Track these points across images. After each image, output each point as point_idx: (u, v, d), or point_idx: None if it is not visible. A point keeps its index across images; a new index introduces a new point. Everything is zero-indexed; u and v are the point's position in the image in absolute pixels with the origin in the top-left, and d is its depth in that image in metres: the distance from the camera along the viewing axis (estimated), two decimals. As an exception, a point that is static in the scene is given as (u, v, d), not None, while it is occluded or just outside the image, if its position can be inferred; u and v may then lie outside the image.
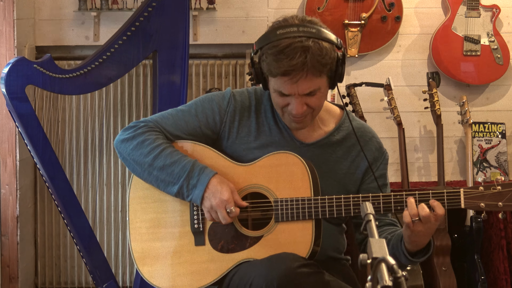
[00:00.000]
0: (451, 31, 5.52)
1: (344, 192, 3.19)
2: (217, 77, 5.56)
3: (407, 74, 5.66)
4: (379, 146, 3.33)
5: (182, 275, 3.23)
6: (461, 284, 5.13)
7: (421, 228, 2.94)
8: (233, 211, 3.08)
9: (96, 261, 4.90)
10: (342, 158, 3.28)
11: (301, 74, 2.97)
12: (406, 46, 5.66)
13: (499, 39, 5.53)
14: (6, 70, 4.62)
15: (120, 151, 3.25)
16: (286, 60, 2.95)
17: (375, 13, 5.47)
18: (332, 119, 3.32)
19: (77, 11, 5.49)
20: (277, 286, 2.88)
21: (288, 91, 3.03)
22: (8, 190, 5.22)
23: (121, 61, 4.83)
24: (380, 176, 3.29)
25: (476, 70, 5.57)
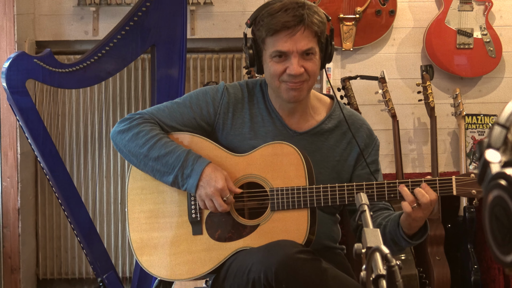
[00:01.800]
0: (444, 25, 5.53)
1: (337, 179, 3.23)
2: (214, 70, 5.57)
3: (401, 67, 5.67)
4: (370, 133, 3.34)
5: (180, 264, 3.24)
6: (454, 273, 5.14)
7: (420, 214, 2.98)
8: (229, 198, 3.10)
9: (96, 252, 4.91)
10: (334, 146, 3.29)
11: (300, 27, 3.04)
12: (400, 39, 5.66)
13: (492, 32, 5.54)
14: (6, 65, 4.62)
15: (116, 142, 3.26)
16: (285, 13, 3.04)
17: (369, 7, 5.47)
18: (323, 108, 3.34)
19: (76, 6, 5.50)
20: (275, 272, 2.89)
21: (287, 47, 3.07)
22: (9, 183, 5.22)
23: (120, 55, 4.84)
24: (372, 162, 3.30)
25: (469, 63, 5.58)
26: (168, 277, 3.29)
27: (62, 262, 5.64)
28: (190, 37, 5.29)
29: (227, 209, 3.12)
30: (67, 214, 4.85)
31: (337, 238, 3.39)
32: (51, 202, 5.56)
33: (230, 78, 5.55)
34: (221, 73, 5.57)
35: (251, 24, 3.15)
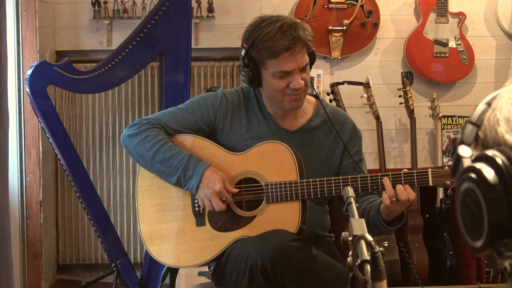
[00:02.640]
0: (422, 36, 5.52)
1: (327, 169, 3.27)
2: (216, 77, 5.56)
3: (384, 74, 5.66)
4: (353, 126, 3.36)
5: (185, 252, 3.25)
6: (432, 259, 5.14)
7: (397, 208, 3.02)
8: (227, 199, 3.13)
9: (110, 240, 4.90)
10: (323, 140, 3.31)
11: (299, 47, 3.07)
12: (383, 49, 5.65)
13: (465, 42, 5.53)
14: (29, 72, 4.61)
15: (126, 145, 3.28)
16: (284, 36, 3.04)
17: (355, 20, 5.46)
18: (310, 107, 3.36)
19: (92, 19, 5.48)
20: (270, 258, 2.92)
21: (291, 66, 3.09)
22: (32, 178, 5.21)
23: (131, 63, 4.83)
24: (356, 152, 3.32)
25: (445, 70, 5.57)
26: (175, 264, 3.31)
27: (80, 249, 5.63)
28: (194, 47, 5.28)
29: (223, 209, 3.13)
30: (84, 206, 4.85)
31: (326, 227, 3.40)
32: (70, 195, 5.55)
33: (230, 83, 5.54)
34: (222, 79, 5.56)
35: (249, 47, 3.15)
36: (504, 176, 0.97)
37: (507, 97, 1.02)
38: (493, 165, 0.98)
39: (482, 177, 0.99)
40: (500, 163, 0.98)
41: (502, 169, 0.97)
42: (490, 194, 0.98)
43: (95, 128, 5.53)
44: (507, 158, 0.98)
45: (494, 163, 0.98)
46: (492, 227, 0.98)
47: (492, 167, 0.98)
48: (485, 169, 0.99)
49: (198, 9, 5.47)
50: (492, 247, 0.99)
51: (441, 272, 5.19)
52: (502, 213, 0.97)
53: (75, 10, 5.51)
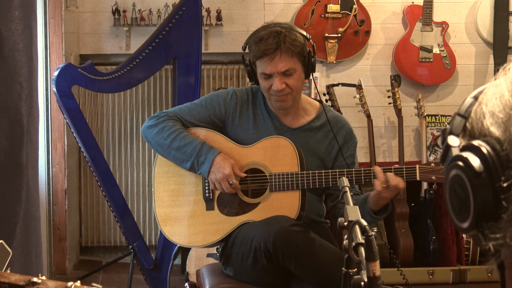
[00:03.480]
0: (409, 43, 5.51)
1: (323, 166, 3.26)
2: (223, 79, 5.56)
3: (374, 77, 5.65)
4: (350, 132, 3.35)
5: (196, 233, 3.25)
6: (417, 243, 5.14)
7: (387, 194, 3.00)
8: (234, 183, 3.13)
9: (128, 224, 4.90)
10: (321, 141, 3.31)
11: (276, 53, 3.07)
12: (373, 54, 5.64)
13: (448, 49, 5.52)
14: (56, 74, 4.61)
15: (145, 135, 3.29)
16: (266, 42, 3.07)
17: (349, 28, 5.46)
18: (313, 110, 3.36)
19: (113, 26, 5.48)
20: (272, 241, 2.92)
21: (269, 70, 3.10)
22: (58, 169, 5.22)
23: (148, 66, 4.82)
24: (349, 156, 3.31)
25: (429, 73, 5.57)
26: (186, 244, 3.32)
27: (101, 232, 5.64)
28: (204, 51, 5.27)
29: (232, 191, 3.15)
30: (104, 194, 4.84)
31: (322, 214, 3.40)
32: (91, 184, 5.56)
33: (236, 85, 5.54)
34: (229, 80, 5.56)
35: (244, 49, 3.21)
36: (488, 165, 0.97)
37: (492, 92, 1.02)
38: (479, 154, 0.98)
39: (468, 165, 0.99)
40: (485, 153, 0.98)
41: (487, 158, 0.97)
42: (475, 180, 0.98)
43: (115, 124, 5.53)
44: (492, 148, 0.97)
45: (480, 153, 0.98)
46: (477, 211, 0.98)
47: (478, 156, 0.98)
48: (472, 158, 0.99)
49: (207, 18, 5.47)
50: (477, 229, 0.99)
51: (425, 255, 5.19)
52: (486, 198, 0.97)
53: (97, 18, 5.51)
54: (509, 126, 0.98)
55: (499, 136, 0.98)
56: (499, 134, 0.98)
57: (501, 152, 0.97)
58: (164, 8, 5.46)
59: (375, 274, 1.63)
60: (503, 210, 0.96)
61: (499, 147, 0.97)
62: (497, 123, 0.99)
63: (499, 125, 0.99)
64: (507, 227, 0.96)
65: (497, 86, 1.02)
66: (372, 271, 1.65)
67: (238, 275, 3.20)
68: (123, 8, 5.46)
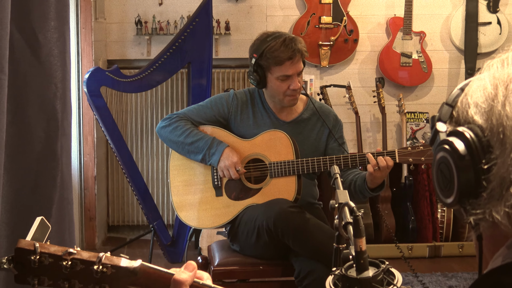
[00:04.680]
0: (392, 49, 5.50)
1: (316, 151, 3.27)
2: (231, 81, 5.55)
3: (361, 79, 5.64)
4: (335, 117, 3.37)
5: (207, 217, 3.26)
6: (398, 223, 5.13)
7: (379, 174, 3.01)
8: (240, 170, 3.15)
9: (149, 206, 4.91)
10: (312, 129, 3.32)
11: (297, 56, 3.11)
12: (361, 59, 5.63)
13: (425, 55, 5.51)
14: (86, 76, 4.63)
15: (160, 134, 3.31)
16: (287, 49, 3.08)
17: (340, 37, 5.45)
18: (301, 103, 3.37)
19: (136, 35, 5.48)
20: (273, 220, 2.94)
21: (291, 71, 3.12)
22: (88, 158, 5.22)
23: (166, 70, 4.83)
24: (339, 137, 3.33)
25: (409, 76, 5.56)
26: (198, 226, 3.33)
27: (125, 213, 5.64)
28: (214, 57, 5.27)
29: (238, 177, 3.16)
30: (128, 180, 4.85)
31: (316, 197, 3.40)
32: (117, 172, 5.56)
33: (242, 85, 5.53)
34: (236, 82, 5.56)
35: (258, 58, 3.15)
36: (471, 149, 0.97)
37: (476, 85, 1.02)
38: (463, 139, 0.98)
39: (454, 148, 0.99)
40: (469, 138, 0.98)
41: (470, 142, 0.97)
42: (460, 162, 0.98)
43: (137, 120, 5.53)
44: (475, 134, 0.98)
45: (464, 138, 0.98)
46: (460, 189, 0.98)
47: (462, 141, 0.98)
48: (457, 142, 0.99)
49: (217, 28, 5.46)
50: (460, 204, 1.00)
51: (405, 233, 5.18)
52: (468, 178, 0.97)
53: (122, 28, 5.50)
54: (490, 116, 0.97)
55: (482, 124, 0.98)
56: (481, 122, 0.98)
57: (483, 138, 0.97)
58: (180, 20, 5.45)
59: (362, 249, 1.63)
60: (483, 189, 0.96)
61: (481, 134, 0.97)
62: (480, 112, 0.99)
63: (482, 114, 0.98)
64: (486, 204, 0.96)
65: (481, 80, 1.02)
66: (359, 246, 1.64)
67: (243, 250, 3.20)
68: (145, 20, 5.45)
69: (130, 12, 5.48)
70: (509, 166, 0.94)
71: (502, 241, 0.97)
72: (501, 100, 0.97)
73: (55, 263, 1.18)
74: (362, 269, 1.57)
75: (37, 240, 1.21)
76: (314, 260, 2.96)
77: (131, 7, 5.48)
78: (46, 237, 1.26)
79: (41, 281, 1.19)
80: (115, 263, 1.20)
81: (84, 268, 1.18)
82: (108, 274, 1.19)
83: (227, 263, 3.18)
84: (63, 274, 1.19)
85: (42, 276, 1.19)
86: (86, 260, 1.19)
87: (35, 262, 1.18)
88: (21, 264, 1.18)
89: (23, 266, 1.18)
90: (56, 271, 1.18)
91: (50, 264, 1.18)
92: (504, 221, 0.94)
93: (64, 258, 1.18)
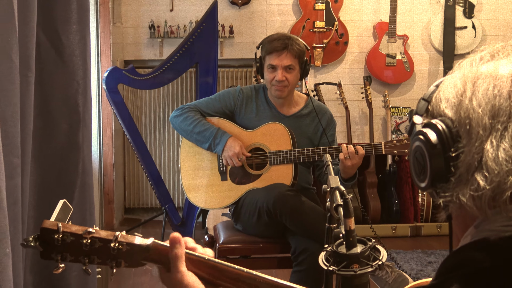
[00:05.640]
0: (378, 51, 5.49)
1: (311, 144, 3.26)
2: (234, 79, 5.54)
3: (351, 77, 5.63)
4: (330, 117, 3.35)
5: (213, 198, 3.26)
6: (383, 205, 5.14)
7: (349, 163, 2.97)
8: (242, 159, 3.15)
9: (161, 190, 4.91)
10: (309, 124, 3.30)
11: (285, 52, 3.09)
12: (350, 60, 5.62)
13: (408, 56, 5.50)
14: (105, 75, 4.62)
15: (172, 123, 3.29)
16: (277, 42, 3.10)
17: (332, 39, 5.43)
18: (301, 101, 3.36)
19: (149, 38, 5.46)
20: (273, 202, 2.94)
21: (276, 62, 3.11)
22: (107, 148, 5.22)
23: (176, 69, 4.82)
24: (330, 135, 3.31)
25: (393, 75, 5.54)
26: (206, 207, 3.33)
27: (140, 197, 5.64)
28: (220, 58, 5.25)
29: (239, 165, 3.16)
30: (143, 167, 4.85)
31: (310, 182, 3.40)
32: (133, 160, 5.56)
33: (244, 83, 5.52)
34: (239, 80, 5.55)
35: (259, 47, 3.21)
36: (442, 138, 0.97)
37: (448, 82, 1.03)
38: (435, 130, 0.98)
39: (427, 138, 0.99)
40: (440, 129, 0.98)
41: (441, 133, 0.98)
42: (432, 150, 0.98)
43: (151, 113, 5.52)
44: (446, 126, 0.98)
45: (436, 129, 0.98)
46: (432, 174, 0.98)
47: (434, 131, 0.98)
48: (430, 133, 0.99)
49: (222, 31, 5.45)
50: (432, 188, 1.00)
51: (389, 214, 5.19)
52: (439, 164, 0.97)
53: (137, 32, 5.49)
54: (459, 109, 0.97)
55: (452, 116, 0.98)
56: (451, 115, 0.98)
57: (453, 129, 0.97)
58: (189, 24, 5.44)
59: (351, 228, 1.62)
60: (452, 174, 0.97)
61: (451, 125, 0.97)
62: (450, 106, 0.99)
63: (452, 108, 0.99)
64: (454, 187, 0.97)
65: (452, 78, 1.02)
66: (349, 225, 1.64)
67: (246, 229, 3.20)
68: (157, 24, 5.44)
69: (144, 18, 5.46)
70: (474, 154, 0.94)
71: (471, 222, 0.97)
72: (469, 95, 0.97)
73: (76, 241, 1.19)
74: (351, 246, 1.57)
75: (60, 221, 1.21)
76: (308, 238, 2.96)
77: (145, 13, 5.46)
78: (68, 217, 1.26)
79: (64, 257, 1.20)
80: (129, 241, 1.20)
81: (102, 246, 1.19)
82: (124, 250, 1.19)
83: (231, 241, 3.18)
84: (83, 251, 1.19)
85: (65, 253, 1.19)
86: (104, 238, 1.19)
87: (58, 240, 1.18)
88: (46, 242, 1.19)
89: (47, 244, 1.19)
90: (77, 248, 1.19)
91: (71, 242, 1.19)
92: (469, 203, 0.94)
93: (84, 237, 1.19)
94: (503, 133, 0.93)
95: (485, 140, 0.93)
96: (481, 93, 0.96)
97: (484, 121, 0.94)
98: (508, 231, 0.89)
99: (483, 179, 0.92)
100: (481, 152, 0.93)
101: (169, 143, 5.57)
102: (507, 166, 0.91)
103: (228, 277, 1.17)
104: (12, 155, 1.71)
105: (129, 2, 5.46)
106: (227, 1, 5.47)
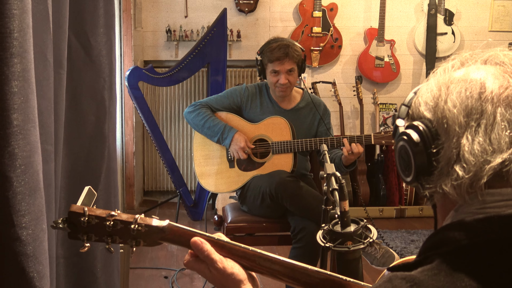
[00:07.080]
0: (368, 54, 5.46)
1: (309, 133, 3.26)
2: (241, 78, 5.53)
3: (344, 77, 5.61)
4: (325, 107, 3.35)
5: (222, 184, 3.25)
6: (371, 190, 5.14)
7: (352, 157, 3.00)
8: (248, 151, 3.15)
9: (176, 175, 4.92)
10: (306, 116, 3.30)
11: (286, 59, 3.08)
12: (344, 61, 5.60)
13: (394, 58, 5.48)
14: (127, 73, 4.62)
15: (186, 118, 3.30)
16: (278, 52, 3.07)
17: (327, 43, 5.41)
18: (298, 95, 3.35)
19: (166, 41, 5.45)
20: (274, 187, 2.94)
21: (279, 68, 3.10)
22: (129, 138, 5.22)
23: (190, 69, 4.82)
24: (327, 123, 3.31)
25: (381, 75, 5.53)
26: (216, 191, 3.31)
27: (157, 181, 5.64)
28: (228, 59, 5.25)
29: (245, 158, 3.16)
30: (160, 155, 4.85)
31: (308, 169, 3.39)
32: (151, 148, 5.55)
33: (250, 81, 5.50)
34: (245, 79, 5.53)
35: (260, 54, 3.19)
36: (423, 137, 0.98)
37: (425, 88, 1.04)
38: (417, 130, 0.99)
39: (410, 138, 1.00)
40: (421, 129, 0.99)
41: (422, 132, 0.98)
42: (415, 148, 0.99)
43: (167, 108, 5.52)
44: (426, 126, 0.99)
45: (417, 129, 0.99)
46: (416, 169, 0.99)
47: (416, 132, 0.99)
48: (412, 133, 1.00)
49: (231, 35, 5.43)
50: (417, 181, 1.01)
51: (377, 198, 5.18)
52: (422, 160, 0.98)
53: (156, 35, 5.47)
54: (437, 111, 0.98)
55: (430, 117, 0.99)
56: (430, 116, 0.99)
57: (432, 128, 0.98)
58: (201, 29, 5.42)
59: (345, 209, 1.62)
60: (434, 168, 0.97)
61: (430, 125, 0.98)
62: (428, 109, 1.00)
63: (430, 110, 0.99)
64: (437, 179, 0.98)
65: (428, 84, 1.03)
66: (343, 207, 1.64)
67: (250, 210, 3.21)
68: (173, 29, 5.42)
69: (161, 23, 5.45)
70: (453, 148, 0.95)
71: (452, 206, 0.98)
72: (444, 98, 0.98)
73: (100, 223, 1.19)
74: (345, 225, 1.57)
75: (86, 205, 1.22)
76: (306, 219, 2.96)
77: (162, 19, 5.45)
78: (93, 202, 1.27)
79: (89, 237, 1.21)
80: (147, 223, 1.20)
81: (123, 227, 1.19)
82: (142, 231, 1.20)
83: (237, 220, 3.18)
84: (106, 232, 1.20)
85: (90, 234, 1.20)
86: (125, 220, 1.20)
87: (84, 222, 1.19)
88: (73, 224, 1.19)
89: (74, 226, 1.19)
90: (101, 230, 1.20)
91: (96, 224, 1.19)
92: (451, 192, 0.95)
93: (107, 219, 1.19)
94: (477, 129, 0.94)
95: (461, 136, 0.94)
96: (455, 95, 0.97)
97: (459, 119, 0.95)
98: (482, 213, 0.91)
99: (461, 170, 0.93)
100: (458, 147, 0.94)
101: (183, 134, 5.57)
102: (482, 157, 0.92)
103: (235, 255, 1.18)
104: (47, 143, 1.71)
105: (149, 9, 5.44)
106: (235, 9, 5.45)
